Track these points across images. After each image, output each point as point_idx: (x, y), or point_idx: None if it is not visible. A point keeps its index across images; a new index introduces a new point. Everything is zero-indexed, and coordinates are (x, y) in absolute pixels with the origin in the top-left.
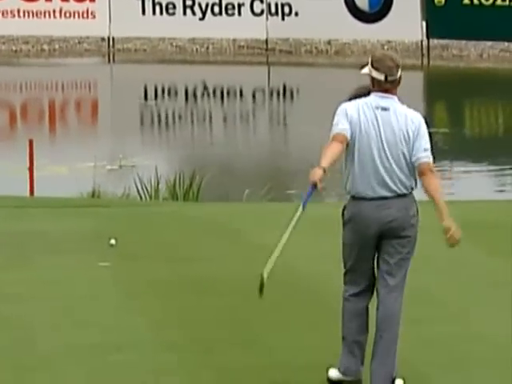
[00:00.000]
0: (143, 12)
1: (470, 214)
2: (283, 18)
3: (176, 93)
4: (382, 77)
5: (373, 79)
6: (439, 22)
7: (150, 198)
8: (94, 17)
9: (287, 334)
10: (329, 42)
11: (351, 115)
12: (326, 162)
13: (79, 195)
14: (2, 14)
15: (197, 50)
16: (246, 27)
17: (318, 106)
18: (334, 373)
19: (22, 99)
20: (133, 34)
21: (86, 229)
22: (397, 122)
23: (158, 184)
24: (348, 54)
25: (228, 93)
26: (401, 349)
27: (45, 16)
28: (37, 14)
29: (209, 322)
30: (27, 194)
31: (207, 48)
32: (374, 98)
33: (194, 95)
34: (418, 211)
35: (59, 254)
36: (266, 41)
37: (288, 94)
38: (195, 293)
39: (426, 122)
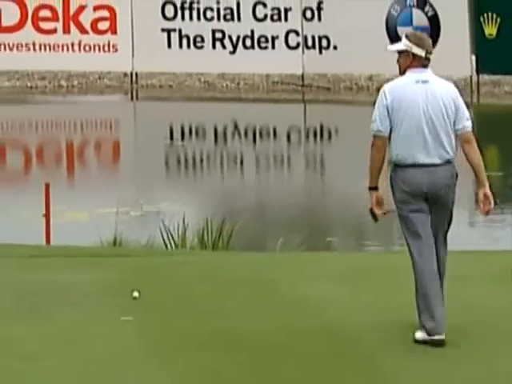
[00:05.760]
0: (169, 45)
1: None
2: (321, 52)
3: (204, 133)
4: (423, 53)
5: (413, 55)
6: (490, 56)
7: (177, 246)
8: (116, 50)
9: None
10: (370, 78)
11: (392, 97)
12: (375, 181)
13: (99, 244)
14: (17, 47)
15: (227, 86)
16: (281, 61)
17: (358, 147)
18: (419, 334)
19: (37, 140)
20: (158, 68)
21: (106, 280)
22: (438, 92)
23: (185, 231)
24: None
25: (261, 133)
26: None
27: (63, 49)
28: (54, 48)
29: (240, 381)
30: (43, 242)
31: (238, 84)
32: (412, 74)
33: (224, 135)
34: (457, 174)
35: (77, 307)
36: (302, 76)
37: (326, 134)
38: (225, 349)
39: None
